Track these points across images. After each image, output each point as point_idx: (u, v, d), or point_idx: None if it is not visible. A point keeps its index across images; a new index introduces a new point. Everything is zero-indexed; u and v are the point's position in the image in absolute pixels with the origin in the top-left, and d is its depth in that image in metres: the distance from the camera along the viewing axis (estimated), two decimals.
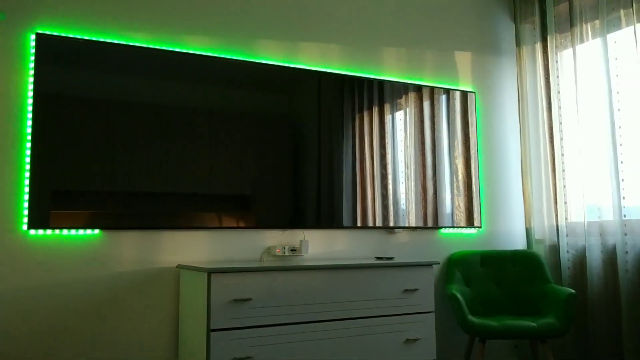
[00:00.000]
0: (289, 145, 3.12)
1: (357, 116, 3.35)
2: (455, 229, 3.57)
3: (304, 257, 3.07)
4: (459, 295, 3.07)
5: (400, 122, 3.48)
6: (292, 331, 2.53)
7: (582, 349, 3.31)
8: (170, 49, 2.86)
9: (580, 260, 3.35)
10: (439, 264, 3.10)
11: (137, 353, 2.66)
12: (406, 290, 2.84)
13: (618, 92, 3.20)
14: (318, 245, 3.15)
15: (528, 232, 3.67)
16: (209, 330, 2.37)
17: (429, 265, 2.93)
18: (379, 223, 3.31)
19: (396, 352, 2.76)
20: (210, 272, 2.40)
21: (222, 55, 2.99)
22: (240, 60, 3.02)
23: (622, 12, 3.20)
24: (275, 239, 3.03)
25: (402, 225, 3.38)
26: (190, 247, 2.83)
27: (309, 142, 3.18)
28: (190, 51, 2.91)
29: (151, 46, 2.82)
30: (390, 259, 3.07)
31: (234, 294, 2.43)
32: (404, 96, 3.51)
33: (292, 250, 3.01)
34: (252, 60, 3.06)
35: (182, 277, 2.74)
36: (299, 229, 3.08)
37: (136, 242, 2.72)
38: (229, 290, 2.42)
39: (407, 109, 3.52)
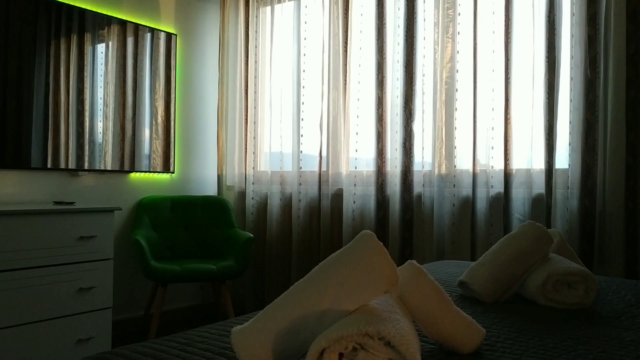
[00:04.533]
0: None
1: (52, 43, 2.99)
2: (150, 173, 3.50)
3: None
4: (142, 241, 3.05)
5: (102, 56, 3.23)
6: None
7: (259, 288, 3.63)
8: None
9: (264, 206, 3.62)
10: (120, 209, 3.00)
11: None
12: (82, 238, 2.68)
13: (305, 55, 3.46)
14: None
15: (220, 178, 3.81)
16: None
17: (110, 211, 2.82)
18: (72, 164, 3.07)
19: (68, 301, 2.62)
20: None
21: None
22: None
23: None
24: None
25: (97, 167, 3.19)
26: None
27: None
28: None
29: None
30: (71, 204, 2.86)
31: None
32: (106, 28, 3.25)
33: None
34: None
35: None
36: None
37: None
38: None
39: (110, 43, 3.28)
